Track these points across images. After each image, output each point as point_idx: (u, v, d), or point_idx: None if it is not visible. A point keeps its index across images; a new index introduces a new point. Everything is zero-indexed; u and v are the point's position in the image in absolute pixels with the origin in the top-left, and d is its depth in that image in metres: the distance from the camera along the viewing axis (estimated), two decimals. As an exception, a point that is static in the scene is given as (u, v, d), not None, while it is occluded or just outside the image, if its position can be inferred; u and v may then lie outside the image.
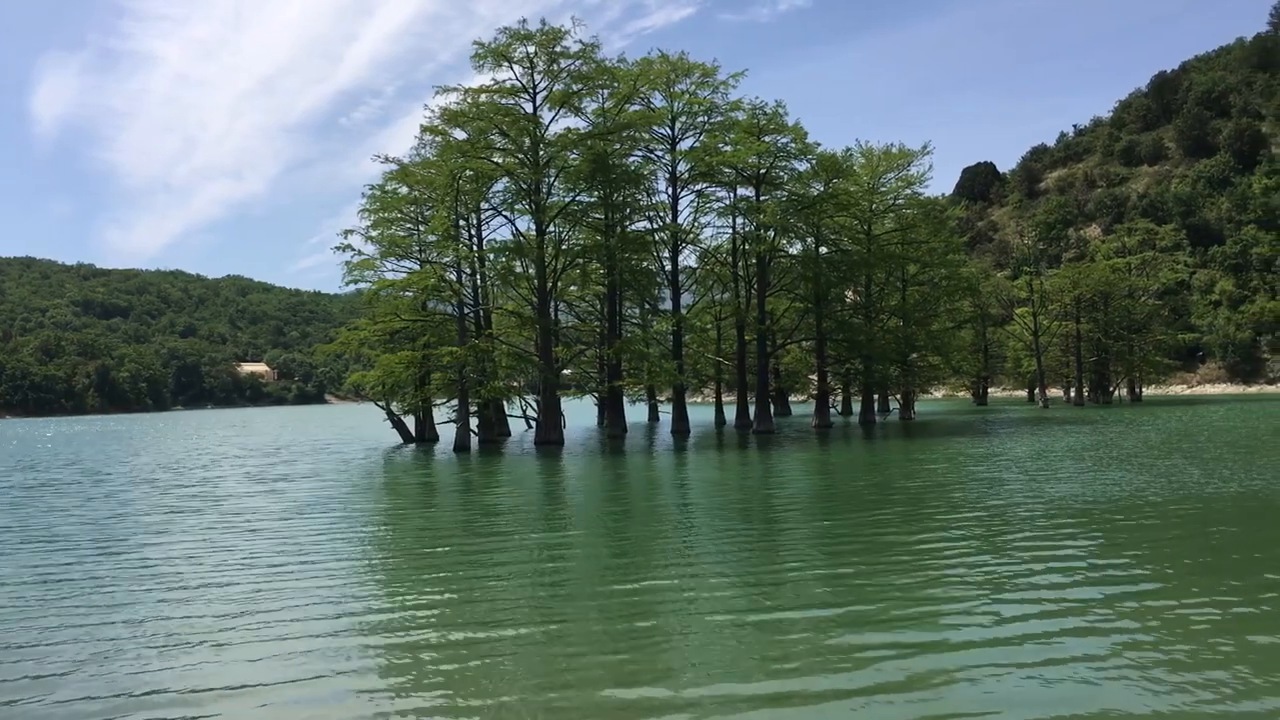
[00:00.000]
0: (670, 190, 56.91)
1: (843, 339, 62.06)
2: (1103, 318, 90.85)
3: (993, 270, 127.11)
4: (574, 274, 56.39)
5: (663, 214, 57.63)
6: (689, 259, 62.93)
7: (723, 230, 63.72)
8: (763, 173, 55.36)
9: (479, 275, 53.39)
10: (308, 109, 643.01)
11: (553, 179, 51.14)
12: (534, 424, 55.63)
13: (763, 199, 55.97)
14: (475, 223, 54.31)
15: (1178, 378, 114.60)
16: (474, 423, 50.90)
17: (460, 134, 50.91)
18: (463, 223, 52.48)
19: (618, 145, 52.92)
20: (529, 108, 49.26)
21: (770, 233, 56.35)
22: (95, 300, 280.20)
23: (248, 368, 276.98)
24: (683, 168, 56.39)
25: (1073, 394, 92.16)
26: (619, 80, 52.04)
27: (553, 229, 52.00)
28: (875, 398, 71.02)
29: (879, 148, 67.14)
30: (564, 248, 53.31)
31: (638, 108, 54.63)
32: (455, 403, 50.82)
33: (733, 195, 57.96)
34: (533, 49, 47.89)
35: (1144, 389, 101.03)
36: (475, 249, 52.57)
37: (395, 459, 44.38)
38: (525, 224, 52.99)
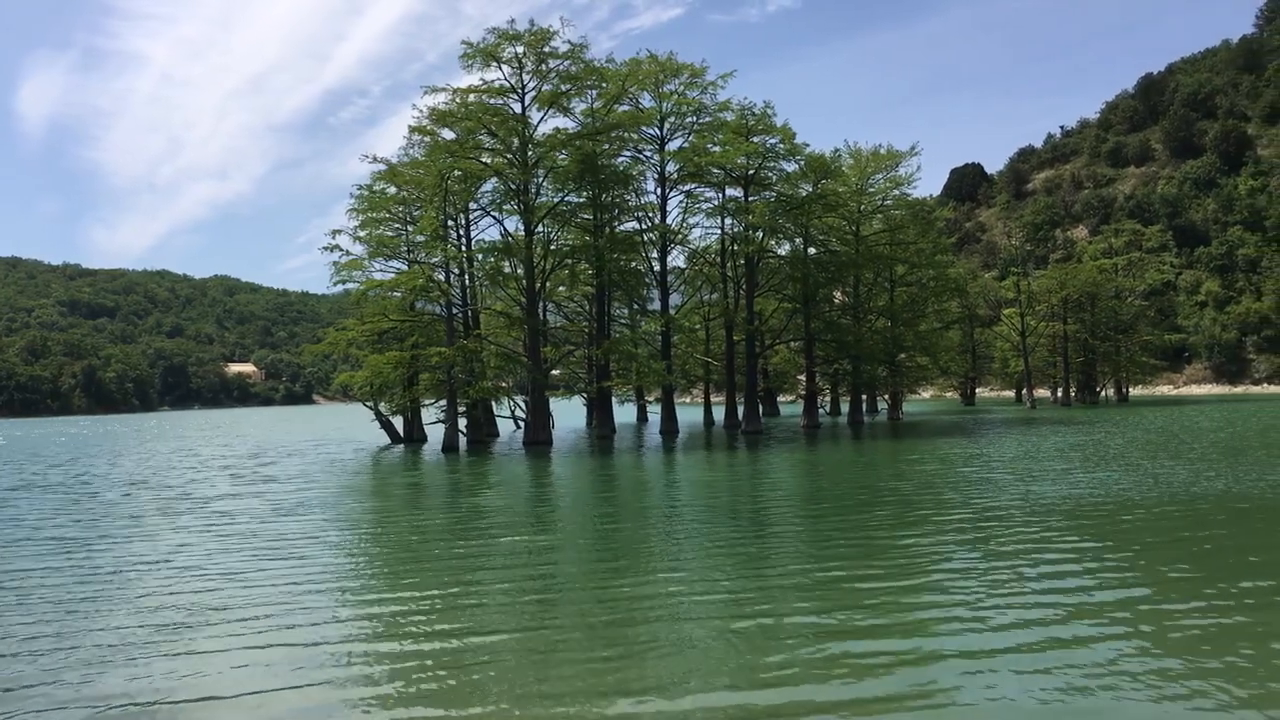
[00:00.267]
0: (659, 191, 57.01)
1: (831, 339, 62.20)
2: (1089, 318, 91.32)
3: (980, 271, 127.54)
4: (562, 274, 56.30)
5: (651, 214, 57.69)
6: (677, 259, 63.04)
7: (711, 231, 64.02)
8: (751, 173, 55.43)
9: (467, 275, 53.25)
10: (295, 108, 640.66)
11: (541, 179, 51.09)
12: (522, 424, 55.59)
13: (751, 199, 56.06)
14: (464, 223, 54.16)
15: (1164, 378, 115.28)
16: (462, 423, 50.82)
17: (449, 134, 50.79)
18: (451, 223, 52.33)
19: (606, 145, 52.98)
20: (517, 108, 49.24)
21: (759, 233, 56.45)
22: (81, 300, 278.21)
23: (235, 368, 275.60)
24: (671, 168, 56.44)
25: (1059, 394, 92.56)
26: (608, 80, 52.10)
27: (541, 229, 51.92)
28: (863, 398, 71.19)
29: (867, 149, 67.46)
30: (552, 248, 53.22)
31: (626, 108, 54.70)
32: (444, 403, 50.73)
33: (721, 196, 58.03)
34: (521, 49, 47.87)
35: (1130, 389, 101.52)
36: (464, 249, 52.42)
37: (383, 460, 44.23)
38: (514, 224, 53.03)
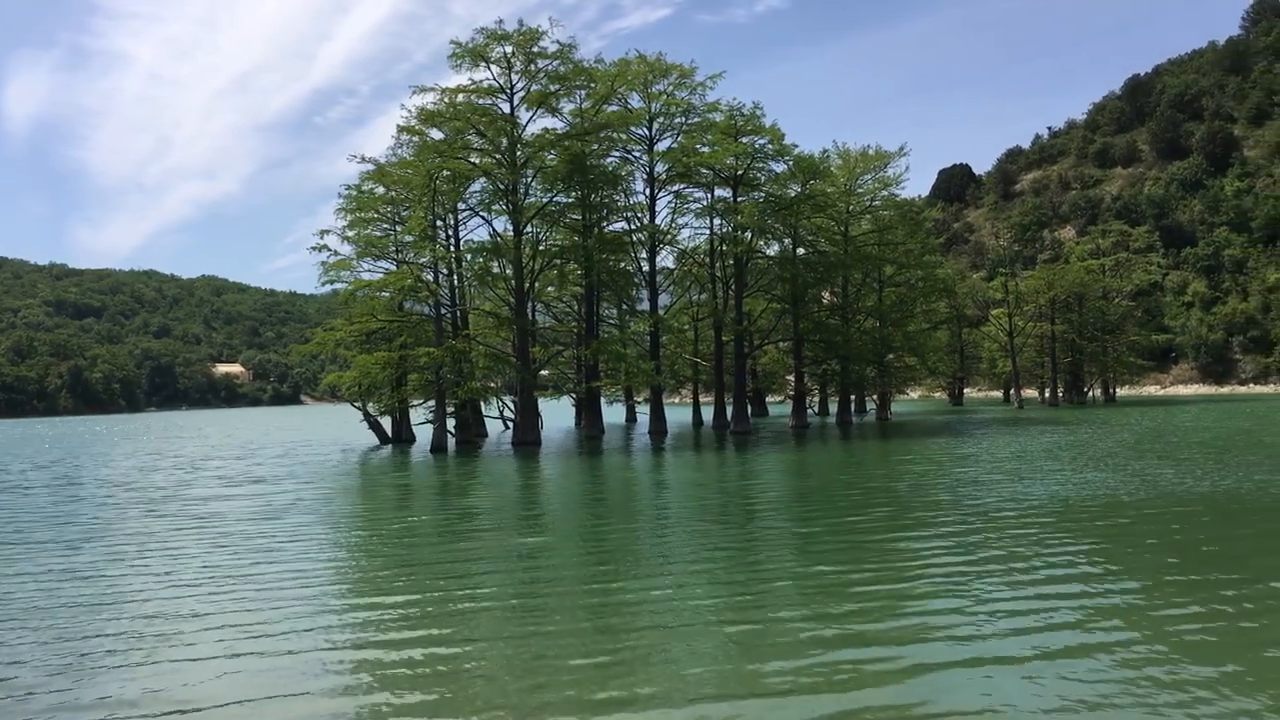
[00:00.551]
0: (648, 191, 57.03)
1: (820, 340, 62.27)
2: (1077, 319, 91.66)
3: (968, 271, 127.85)
4: (551, 275, 56.23)
5: (640, 215, 57.69)
6: (666, 260, 63.12)
7: (700, 231, 64.09)
8: (740, 174, 55.47)
9: (456, 276, 53.17)
10: (282, 108, 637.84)
11: (530, 179, 51.04)
12: (511, 425, 55.48)
13: (740, 200, 56.09)
14: (452, 223, 54.07)
15: (1151, 378, 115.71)
16: (451, 424, 50.72)
17: (437, 134, 50.73)
18: (440, 223, 52.27)
19: (595, 146, 52.97)
20: (506, 108, 49.22)
21: (747, 234, 56.48)
22: (68, 300, 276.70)
23: (223, 368, 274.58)
24: (660, 168, 56.45)
25: (1047, 395, 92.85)
26: (596, 81, 52.09)
27: (530, 229, 51.89)
28: (852, 398, 71.33)
29: (855, 149, 67.55)
30: (541, 248, 53.21)
31: (615, 108, 54.69)
32: (432, 404, 50.62)
33: (710, 196, 58.06)
34: (510, 49, 47.84)
35: (1118, 389, 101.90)
36: (452, 249, 52.36)
37: (371, 460, 44.11)
38: (502, 224, 52.93)
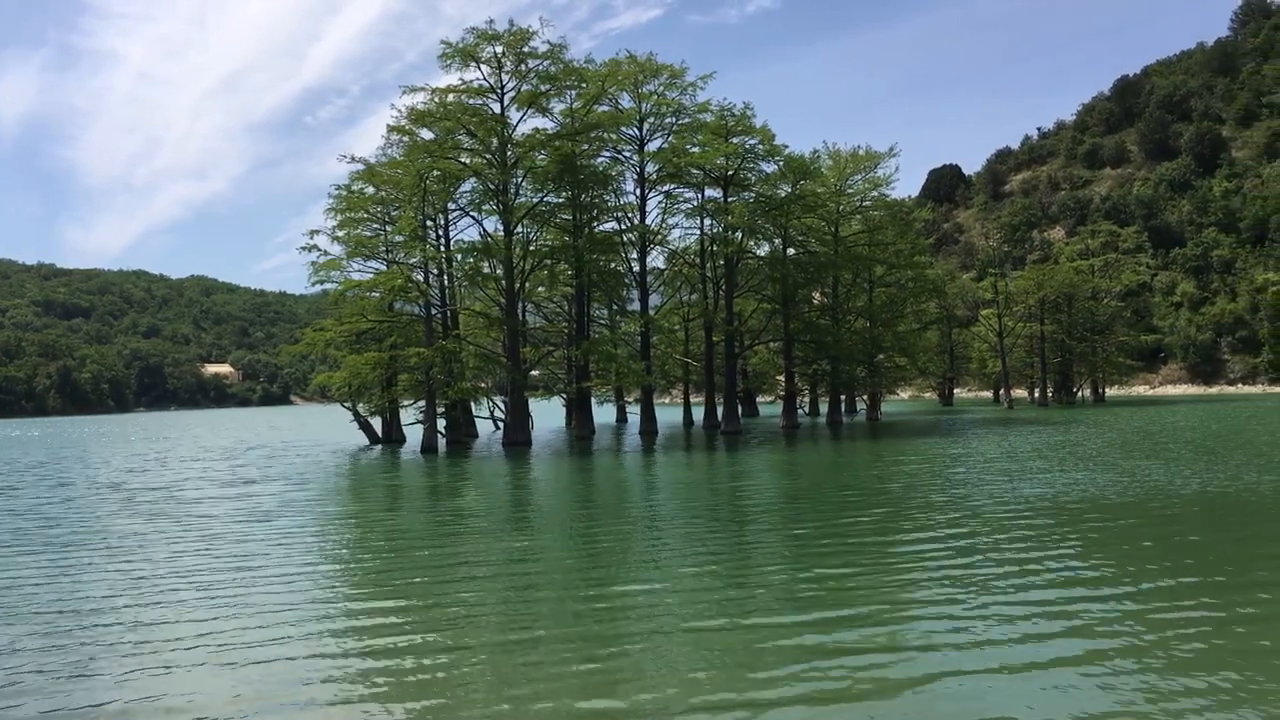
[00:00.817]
0: (638, 191, 56.94)
1: (810, 340, 62.31)
2: (1066, 319, 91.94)
3: (958, 272, 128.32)
4: (542, 275, 56.20)
5: (631, 215, 57.67)
6: (657, 260, 63.04)
7: (691, 231, 63.95)
8: (730, 174, 55.49)
9: (446, 276, 53.07)
10: (272, 108, 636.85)
11: (520, 179, 50.94)
12: (501, 425, 55.43)
13: (730, 200, 56.11)
14: (442, 223, 54.01)
15: (1140, 378, 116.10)
16: (441, 424, 50.60)
17: (427, 134, 50.64)
18: (430, 223, 52.18)
19: (586, 146, 52.90)
20: (496, 108, 49.10)
21: (738, 234, 56.48)
22: (56, 300, 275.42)
23: (212, 369, 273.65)
24: (651, 169, 56.39)
25: (1037, 395, 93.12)
26: (587, 81, 52.03)
27: (520, 229, 51.80)
28: (842, 398, 71.40)
29: (846, 150, 67.61)
30: (532, 248, 53.12)
31: (606, 108, 54.61)
32: (422, 404, 50.51)
33: (701, 196, 58.08)
34: (500, 49, 47.74)
35: (1107, 389, 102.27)
36: (442, 249, 52.26)
37: (362, 461, 43.98)
38: (493, 224, 52.86)
